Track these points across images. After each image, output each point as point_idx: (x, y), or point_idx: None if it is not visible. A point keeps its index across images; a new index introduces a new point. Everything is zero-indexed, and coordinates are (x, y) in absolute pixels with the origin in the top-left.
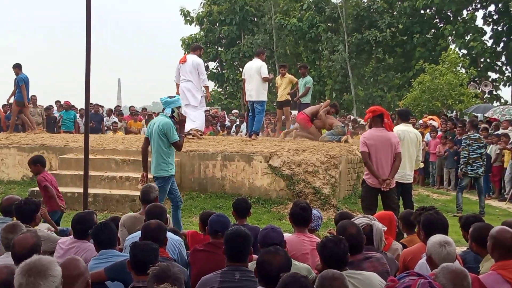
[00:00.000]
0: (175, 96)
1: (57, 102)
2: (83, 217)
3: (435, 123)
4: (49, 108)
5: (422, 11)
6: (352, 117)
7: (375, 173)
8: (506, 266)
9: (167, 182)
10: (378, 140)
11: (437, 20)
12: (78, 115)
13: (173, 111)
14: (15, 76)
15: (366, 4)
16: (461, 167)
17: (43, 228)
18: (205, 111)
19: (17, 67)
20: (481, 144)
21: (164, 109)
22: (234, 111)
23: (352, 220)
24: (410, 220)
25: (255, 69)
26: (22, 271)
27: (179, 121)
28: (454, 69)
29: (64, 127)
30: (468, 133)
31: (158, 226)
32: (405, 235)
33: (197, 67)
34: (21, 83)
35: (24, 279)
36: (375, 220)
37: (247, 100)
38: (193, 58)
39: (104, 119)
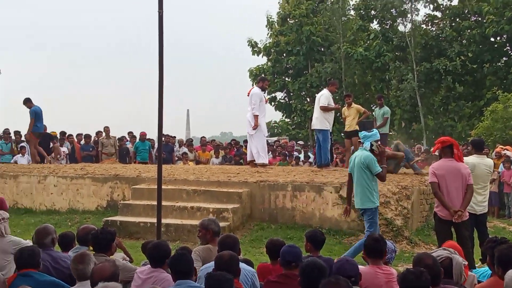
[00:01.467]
0: (373, 130)
1: (129, 133)
2: (160, 244)
3: (510, 153)
4: (122, 139)
5: (492, 39)
6: (422, 147)
7: (446, 204)
8: None
9: (375, 213)
10: (448, 171)
11: (508, 47)
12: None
13: (371, 145)
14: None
15: (434, 32)
16: None
17: (118, 258)
18: (274, 141)
19: (28, 101)
20: None
21: (363, 143)
22: (300, 142)
23: (430, 252)
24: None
25: (317, 98)
26: None
27: (379, 152)
28: None
29: (139, 158)
30: None
31: (231, 257)
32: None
33: (251, 98)
34: (32, 116)
35: None
36: (455, 253)
37: (311, 128)
38: (253, 90)
39: (175, 149)
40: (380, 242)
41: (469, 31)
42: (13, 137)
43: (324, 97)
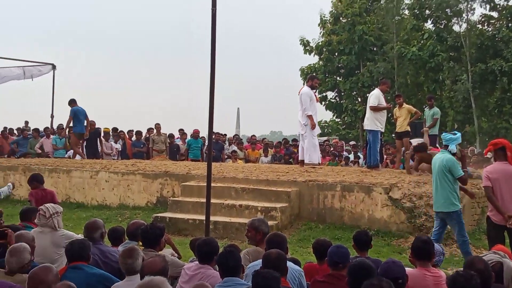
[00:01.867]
0: (456, 133)
1: (180, 130)
2: (209, 240)
3: None
4: (172, 136)
5: None
6: (475, 150)
7: (500, 209)
8: None
9: (460, 215)
10: (502, 174)
11: None
12: None
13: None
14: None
15: (490, 33)
16: None
17: (167, 253)
18: (324, 141)
19: (72, 102)
20: None
21: (447, 145)
22: (351, 142)
23: (481, 256)
24: None
25: (368, 98)
26: None
27: (461, 156)
28: None
29: (192, 155)
30: None
31: (279, 255)
32: None
33: (300, 97)
34: (71, 115)
35: None
36: (505, 257)
37: (363, 128)
38: (303, 89)
39: (224, 147)
40: (428, 244)
41: None
42: (67, 133)
43: (374, 96)
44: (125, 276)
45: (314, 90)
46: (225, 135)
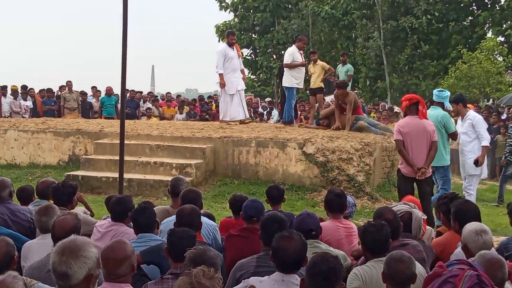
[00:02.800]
0: (445, 91)
1: (93, 87)
2: (122, 198)
3: (473, 112)
4: (84, 93)
5: None
6: (386, 105)
7: (410, 162)
8: None
9: (448, 170)
10: (413, 128)
11: (474, 7)
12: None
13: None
14: None
15: None
16: (506, 155)
17: (79, 212)
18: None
19: None
20: None
21: (439, 102)
22: (267, 99)
23: (390, 207)
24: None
25: (285, 55)
26: (57, 250)
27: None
28: (491, 57)
29: (105, 113)
30: None
31: (193, 210)
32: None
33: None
34: None
35: (57, 258)
36: (415, 207)
37: (282, 85)
38: (218, 47)
39: (140, 105)
40: (341, 197)
41: None
42: None
43: (288, 54)
44: (39, 234)
45: (231, 47)
46: (141, 92)
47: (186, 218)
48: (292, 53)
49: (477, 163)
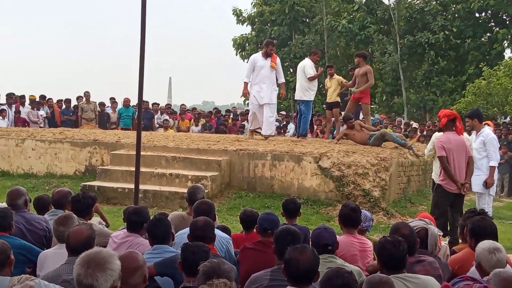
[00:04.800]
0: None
1: (111, 98)
2: (139, 209)
3: (490, 129)
4: (102, 104)
5: (477, 14)
6: (402, 121)
7: (454, 178)
8: None
9: None
10: (455, 144)
11: (493, 23)
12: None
13: None
14: None
15: (419, 6)
16: None
17: (95, 222)
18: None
19: None
20: None
21: None
22: (282, 112)
23: (407, 223)
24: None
25: (300, 68)
26: (81, 262)
27: None
28: (510, 74)
29: (123, 124)
30: None
31: (206, 223)
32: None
33: None
34: None
35: (83, 270)
36: (430, 224)
37: (295, 99)
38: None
39: (156, 116)
40: (356, 211)
41: (454, 5)
42: None
43: (308, 67)
44: (56, 243)
45: (268, 57)
46: (157, 104)
47: (200, 231)
48: (312, 66)
49: (486, 184)
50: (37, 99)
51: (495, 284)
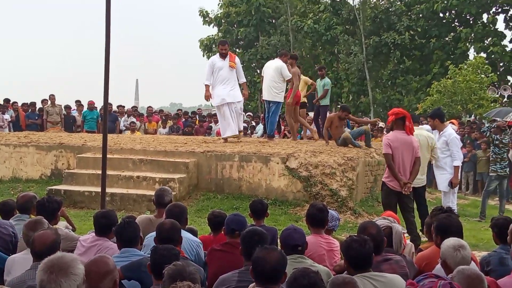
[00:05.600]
0: None
1: (77, 101)
2: (107, 213)
3: (454, 127)
4: (68, 107)
5: (441, 14)
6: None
7: (398, 176)
8: None
9: None
10: (402, 143)
11: (457, 23)
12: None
13: None
14: None
15: (384, 6)
16: (491, 166)
17: (61, 227)
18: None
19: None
20: (507, 148)
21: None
22: (248, 113)
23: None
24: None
25: (273, 69)
26: (44, 268)
27: None
28: (476, 73)
29: (87, 127)
30: (497, 136)
31: (172, 226)
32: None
33: None
34: None
35: (45, 276)
36: (394, 222)
37: (262, 99)
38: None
39: (123, 119)
40: (323, 211)
41: (418, 6)
42: None
43: (285, 69)
44: (26, 247)
45: (224, 58)
46: (123, 106)
47: (166, 233)
48: (286, 68)
49: (451, 184)
50: (1, 103)
51: (459, 281)
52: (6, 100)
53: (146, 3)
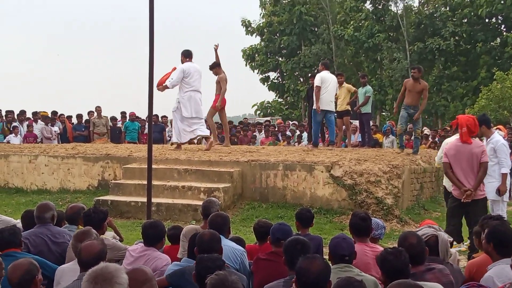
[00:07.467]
0: None
1: (122, 113)
2: (155, 223)
3: (501, 133)
4: (114, 118)
5: (486, 20)
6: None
7: (457, 184)
8: None
9: None
10: (458, 151)
11: (504, 28)
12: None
13: None
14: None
15: (428, 11)
16: None
17: (109, 237)
18: (265, 121)
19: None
20: None
21: None
22: (293, 122)
23: (416, 231)
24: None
25: (335, 81)
26: (89, 278)
27: None
28: None
29: (129, 138)
30: None
31: (212, 237)
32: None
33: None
34: None
35: (91, 286)
36: (440, 230)
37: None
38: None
39: (167, 129)
40: (366, 220)
41: (460, 10)
42: (5, 117)
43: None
44: (75, 258)
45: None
46: (167, 117)
47: (206, 244)
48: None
49: (499, 192)
50: (49, 115)
51: None
52: (54, 113)
53: (189, 15)
